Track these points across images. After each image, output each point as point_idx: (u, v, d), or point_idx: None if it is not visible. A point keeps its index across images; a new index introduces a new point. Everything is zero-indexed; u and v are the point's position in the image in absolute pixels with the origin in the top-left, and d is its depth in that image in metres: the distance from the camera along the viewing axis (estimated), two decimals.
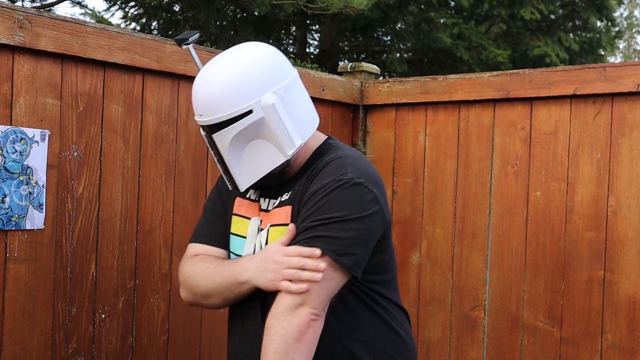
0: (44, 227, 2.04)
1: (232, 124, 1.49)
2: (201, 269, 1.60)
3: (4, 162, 1.95)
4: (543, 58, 9.01)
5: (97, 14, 7.94)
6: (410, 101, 2.93)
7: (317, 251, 1.43)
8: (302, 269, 1.43)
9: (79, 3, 7.22)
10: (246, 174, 1.56)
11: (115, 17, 14.95)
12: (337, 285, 1.47)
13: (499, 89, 2.68)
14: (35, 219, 2.02)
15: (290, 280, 1.43)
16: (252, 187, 1.59)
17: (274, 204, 1.60)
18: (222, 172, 1.60)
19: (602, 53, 10.77)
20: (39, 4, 5.69)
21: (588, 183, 2.49)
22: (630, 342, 2.38)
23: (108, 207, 2.21)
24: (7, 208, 1.96)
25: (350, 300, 1.53)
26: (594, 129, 2.49)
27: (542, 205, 2.59)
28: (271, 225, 1.57)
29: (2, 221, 1.94)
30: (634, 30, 19.57)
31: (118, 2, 7.87)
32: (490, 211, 2.72)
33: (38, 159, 2.02)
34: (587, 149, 2.50)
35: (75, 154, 2.12)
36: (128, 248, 2.26)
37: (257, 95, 1.48)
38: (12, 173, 1.97)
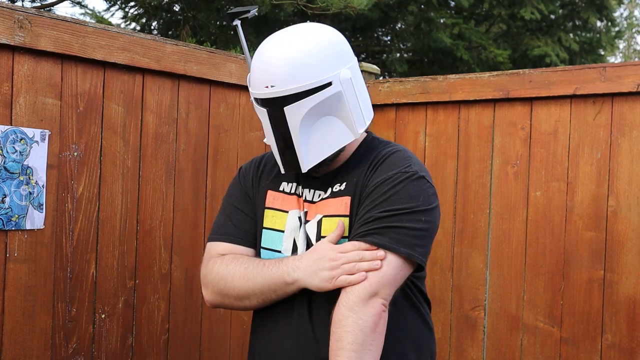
0: (44, 227, 2.04)
1: (309, 95, 1.41)
2: (238, 270, 1.51)
3: (4, 162, 1.95)
4: (543, 58, 9.00)
5: (97, 14, 7.94)
6: (410, 101, 2.93)
7: (381, 252, 1.40)
8: (361, 261, 1.39)
9: (79, 3, 7.21)
10: (312, 153, 1.47)
11: (115, 17, 14.96)
12: (405, 277, 1.45)
13: (499, 89, 2.68)
14: (35, 219, 2.02)
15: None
16: (307, 171, 1.50)
17: (322, 195, 1.54)
18: (278, 153, 1.50)
19: (602, 53, 10.76)
20: (39, 4, 5.69)
21: (588, 183, 2.49)
22: (630, 342, 2.38)
23: (108, 207, 2.21)
24: (7, 208, 1.96)
25: (399, 298, 1.49)
26: (594, 129, 2.49)
27: (542, 205, 2.59)
28: (324, 216, 1.51)
29: (2, 221, 1.94)
30: (634, 30, 19.56)
31: (118, 2, 7.86)
32: (490, 211, 2.72)
33: (38, 159, 2.02)
34: (587, 149, 2.50)
35: (75, 154, 2.12)
36: (128, 248, 2.26)
37: (337, 67, 1.44)
38: (12, 173, 1.97)
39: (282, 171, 1.53)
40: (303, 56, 1.41)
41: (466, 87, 2.77)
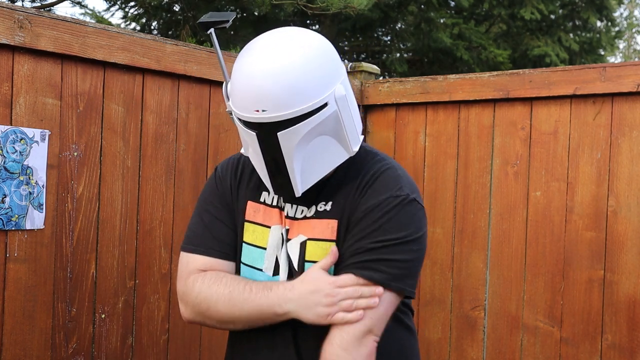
0: (44, 227, 2.04)
1: (306, 119, 1.30)
2: (222, 293, 1.41)
3: (4, 162, 1.95)
4: (543, 58, 9.01)
5: (97, 14, 7.94)
6: (410, 101, 2.93)
7: (379, 289, 1.34)
8: (359, 298, 1.34)
9: (79, 3, 7.22)
10: (306, 176, 1.37)
11: (115, 17, 14.98)
12: (394, 309, 1.41)
13: (499, 89, 2.68)
14: (35, 219, 2.02)
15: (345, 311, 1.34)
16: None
17: (306, 212, 1.44)
18: (267, 177, 1.38)
19: (602, 53, 10.77)
20: (39, 4, 5.69)
21: (588, 183, 2.49)
22: (630, 342, 2.38)
23: (108, 207, 2.21)
24: (7, 208, 1.95)
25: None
26: (594, 129, 2.49)
27: (542, 205, 2.59)
28: (309, 239, 1.42)
29: (2, 221, 1.94)
30: (634, 30, 19.56)
31: (118, 2, 7.87)
32: (490, 211, 2.72)
33: (38, 159, 2.02)
34: (587, 149, 2.50)
35: (75, 154, 2.12)
36: (128, 248, 2.26)
37: (332, 85, 1.33)
38: (12, 173, 1.97)
39: (272, 193, 1.45)
40: (299, 77, 1.27)
41: (466, 87, 2.77)
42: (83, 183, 2.14)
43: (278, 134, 1.30)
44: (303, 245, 1.42)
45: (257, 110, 1.28)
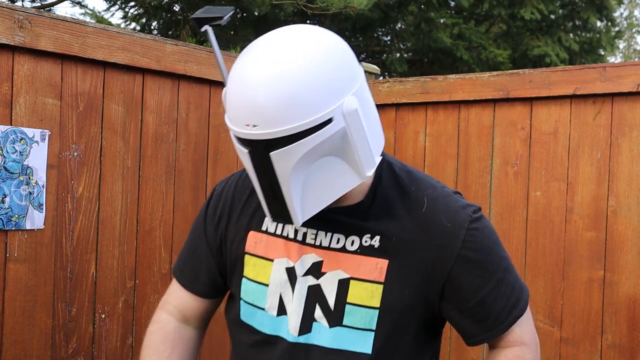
0: (44, 227, 2.04)
1: (303, 137, 1.07)
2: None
3: (4, 162, 1.95)
4: (543, 58, 9.01)
5: (97, 14, 7.94)
6: (410, 101, 2.93)
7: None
8: None
9: (79, 3, 7.22)
10: (307, 205, 1.15)
11: (115, 17, 14.99)
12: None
13: (499, 89, 2.68)
14: (35, 219, 2.02)
15: None
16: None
17: (344, 242, 1.24)
18: (264, 202, 1.17)
19: (602, 53, 10.77)
20: (39, 4, 5.69)
21: (588, 183, 2.49)
22: (630, 342, 2.38)
23: (108, 207, 2.21)
24: (7, 208, 1.95)
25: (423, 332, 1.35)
26: (594, 129, 2.49)
27: (542, 205, 2.59)
28: (352, 278, 1.22)
29: (2, 221, 1.94)
30: (634, 30, 19.57)
31: (118, 2, 7.87)
32: (490, 211, 2.71)
33: (38, 159, 2.02)
34: (587, 149, 2.50)
35: (75, 154, 2.12)
36: (128, 248, 2.26)
37: (340, 96, 1.08)
38: (12, 173, 1.97)
39: (270, 220, 1.23)
40: (296, 87, 1.05)
41: (466, 87, 2.77)
42: (83, 183, 2.14)
43: (271, 154, 1.08)
44: (345, 284, 1.22)
45: (248, 125, 1.07)
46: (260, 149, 1.09)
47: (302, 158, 1.09)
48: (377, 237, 1.22)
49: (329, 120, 1.07)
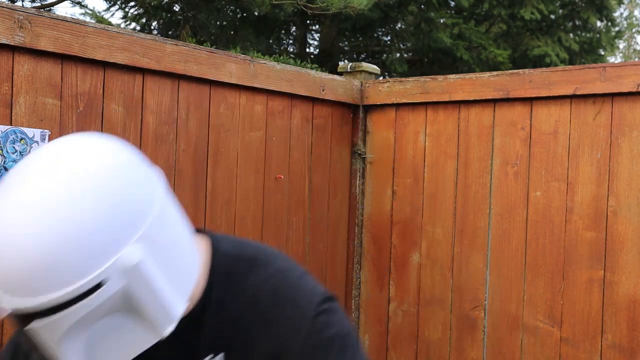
0: None
1: (67, 307, 0.84)
2: None
3: (4, 162, 1.95)
4: (543, 58, 9.01)
5: (97, 14, 7.95)
6: (410, 101, 2.93)
7: None
8: None
9: (79, 3, 7.22)
10: None
11: (115, 17, 14.99)
12: None
13: (499, 89, 2.68)
14: None
15: None
16: None
17: None
18: None
19: (602, 53, 10.77)
20: (39, 4, 5.70)
21: (588, 183, 2.49)
22: (630, 342, 2.38)
23: None
24: None
25: None
26: (594, 129, 2.49)
27: (542, 205, 2.59)
28: None
29: None
30: (634, 30, 19.57)
31: (118, 2, 7.87)
32: (490, 211, 2.72)
33: None
34: (587, 149, 2.50)
35: None
36: None
37: (112, 253, 0.85)
38: None
39: None
40: (45, 254, 0.81)
41: (466, 87, 2.77)
42: None
43: (33, 325, 0.85)
44: None
45: (5, 291, 0.84)
46: (21, 318, 0.86)
47: (73, 326, 0.86)
48: (221, 355, 1.03)
49: (99, 285, 0.84)
